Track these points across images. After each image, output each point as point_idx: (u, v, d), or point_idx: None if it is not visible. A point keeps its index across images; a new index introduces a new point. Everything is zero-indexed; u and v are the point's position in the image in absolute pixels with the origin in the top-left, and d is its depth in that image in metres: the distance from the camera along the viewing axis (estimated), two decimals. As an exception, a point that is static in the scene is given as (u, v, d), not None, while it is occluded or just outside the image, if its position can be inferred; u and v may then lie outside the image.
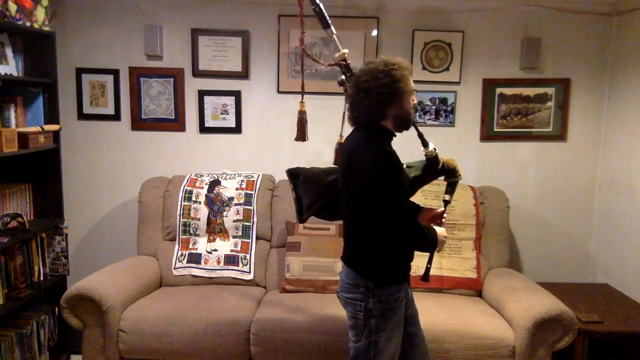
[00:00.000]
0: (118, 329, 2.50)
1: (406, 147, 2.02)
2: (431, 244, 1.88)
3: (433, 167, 2.01)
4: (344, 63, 2.14)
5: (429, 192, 2.99)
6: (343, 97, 3.18)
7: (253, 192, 3.09)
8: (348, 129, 1.99)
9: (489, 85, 3.30)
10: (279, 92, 3.32)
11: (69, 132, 3.27)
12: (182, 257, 3.01)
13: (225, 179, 3.14)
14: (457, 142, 3.33)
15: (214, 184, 3.10)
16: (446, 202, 2.07)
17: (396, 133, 1.88)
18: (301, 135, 2.39)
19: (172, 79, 3.30)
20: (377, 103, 1.79)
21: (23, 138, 2.57)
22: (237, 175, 3.18)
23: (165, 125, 3.34)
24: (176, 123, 3.34)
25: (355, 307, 1.87)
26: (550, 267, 3.43)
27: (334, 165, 2.20)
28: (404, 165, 1.95)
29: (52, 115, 2.85)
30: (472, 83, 3.31)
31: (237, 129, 3.35)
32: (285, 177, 3.19)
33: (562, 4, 3.22)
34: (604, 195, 3.33)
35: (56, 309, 2.85)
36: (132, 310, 2.57)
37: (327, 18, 2.18)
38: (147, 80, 3.30)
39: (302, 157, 3.35)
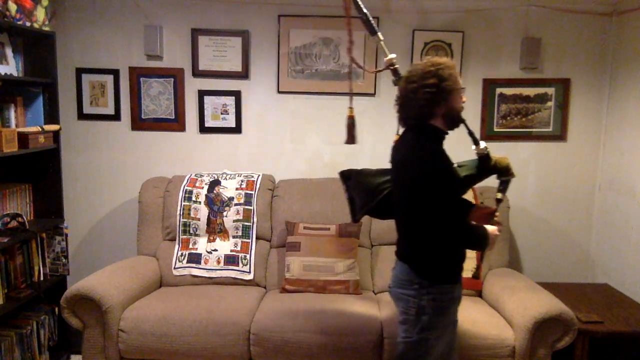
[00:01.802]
0: (118, 329, 2.50)
1: (457, 147, 2.00)
2: (482, 242, 1.90)
3: (485, 166, 2.02)
4: (392, 67, 2.15)
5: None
6: (343, 97, 3.24)
7: (253, 192, 3.09)
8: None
9: (489, 85, 3.30)
10: (279, 92, 3.32)
11: (69, 132, 3.27)
12: (182, 257, 3.01)
13: (225, 179, 3.14)
14: (457, 142, 3.31)
15: (214, 184, 3.10)
16: (499, 201, 2.07)
17: (448, 132, 1.90)
18: (351, 139, 2.39)
19: (172, 79, 3.30)
20: (425, 102, 1.81)
21: (23, 138, 2.57)
22: (237, 175, 3.18)
23: (165, 125, 3.34)
24: (176, 123, 3.34)
25: (408, 302, 1.88)
26: (550, 267, 3.43)
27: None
28: (455, 165, 1.96)
29: (52, 115, 2.85)
30: (472, 83, 3.30)
31: (237, 129, 3.35)
32: (284, 177, 3.27)
33: (562, 4, 3.22)
34: (604, 195, 3.33)
35: (56, 309, 2.85)
36: (132, 310, 2.57)
37: (374, 25, 2.21)
38: (147, 80, 3.30)
39: (302, 157, 3.36)
